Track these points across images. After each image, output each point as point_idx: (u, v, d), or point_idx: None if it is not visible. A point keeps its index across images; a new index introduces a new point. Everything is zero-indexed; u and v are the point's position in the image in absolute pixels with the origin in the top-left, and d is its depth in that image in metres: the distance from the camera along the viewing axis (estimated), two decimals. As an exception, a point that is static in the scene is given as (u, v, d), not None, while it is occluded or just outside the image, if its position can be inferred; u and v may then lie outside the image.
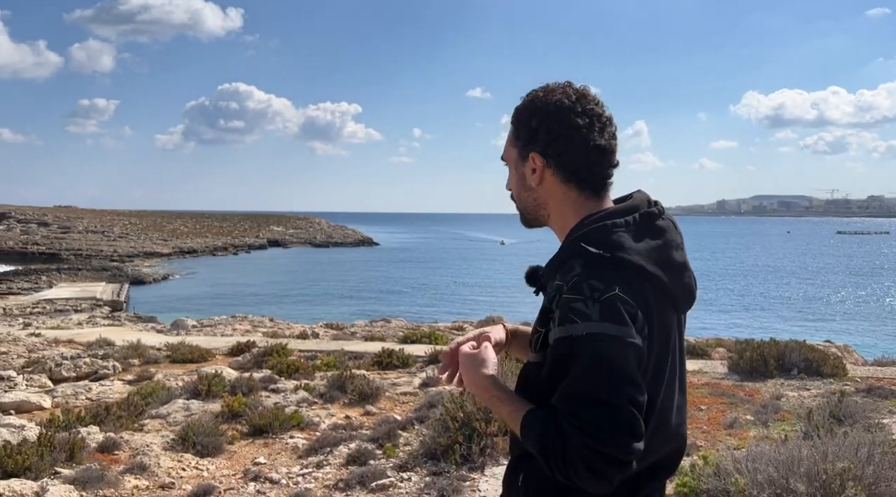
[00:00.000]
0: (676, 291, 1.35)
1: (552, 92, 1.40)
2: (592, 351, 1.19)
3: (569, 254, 1.33)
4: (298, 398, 7.83)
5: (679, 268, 1.37)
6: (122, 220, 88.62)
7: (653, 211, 1.40)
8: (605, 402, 1.16)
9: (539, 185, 1.40)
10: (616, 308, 1.21)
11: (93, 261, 58.11)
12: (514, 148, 1.45)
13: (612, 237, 1.31)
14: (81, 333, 17.96)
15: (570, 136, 1.37)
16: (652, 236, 1.35)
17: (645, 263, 1.30)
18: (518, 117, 1.43)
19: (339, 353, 12.00)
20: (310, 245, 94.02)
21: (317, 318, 26.84)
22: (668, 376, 1.33)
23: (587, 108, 1.38)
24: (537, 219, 1.47)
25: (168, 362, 12.59)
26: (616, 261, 1.28)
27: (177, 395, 8.45)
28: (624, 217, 1.35)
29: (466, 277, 56.60)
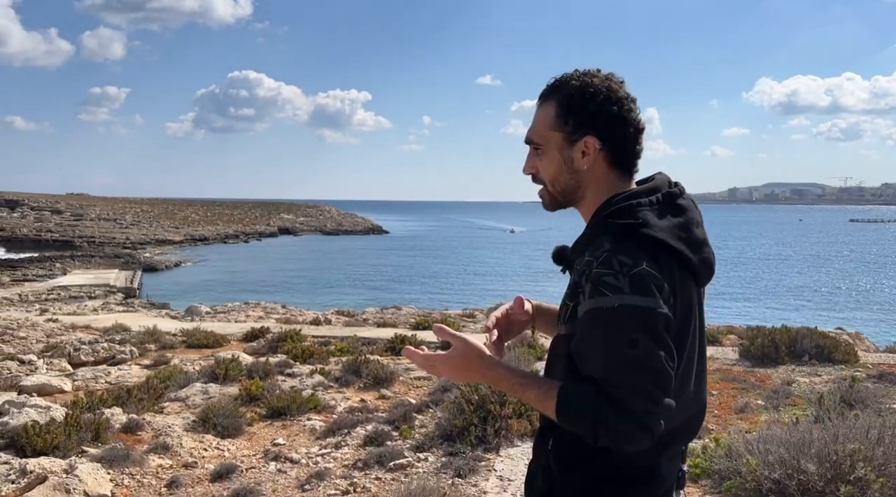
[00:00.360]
0: (697, 265, 1.43)
1: (601, 79, 1.46)
2: (625, 320, 1.27)
3: (598, 231, 1.41)
4: (314, 382, 7.96)
5: (699, 243, 1.45)
6: (134, 208, 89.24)
7: (674, 191, 1.48)
8: (642, 365, 1.26)
9: (588, 168, 1.45)
10: (645, 281, 1.29)
11: (105, 248, 58.58)
12: (557, 131, 1.47)
13: (637, 215, 1.39)
14: (98, 319, 18.22)
15: (627, 121, 1.45)
16: (674, 214, 1.44)
17: (668, 239, 1.38)
18: (570, 101, 1.45)
19: (353, 338, 12.13)
20: (320, 233, 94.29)
21: (328, 305, 27.04)
22: (690, 345, 1.42)
23: (630, 95, 1.47)
24: (570, 201, 1.52)
25: (184, 347, 12.77)
26: (642, 237, 1.36)
27: (194, 379, 8.60)
28: (648, 197, 1.43)
29: (476, 265, 56.71)
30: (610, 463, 1.37)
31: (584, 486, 1.40)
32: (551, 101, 1.49)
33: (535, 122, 1.52)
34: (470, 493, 4.25)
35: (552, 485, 1.45)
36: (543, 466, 1.47)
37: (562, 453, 1.43)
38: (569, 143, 1.47)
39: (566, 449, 1.42)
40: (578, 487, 1.41)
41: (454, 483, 4.42)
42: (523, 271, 51.23)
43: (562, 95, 1.47)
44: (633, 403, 1.24)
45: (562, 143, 1.48)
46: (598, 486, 1.39)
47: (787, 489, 3.98)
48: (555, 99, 1.48)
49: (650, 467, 1.40)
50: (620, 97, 1.44)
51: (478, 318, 18.71)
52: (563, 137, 1.47)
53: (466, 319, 17.86)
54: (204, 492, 4.71)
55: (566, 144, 1.47)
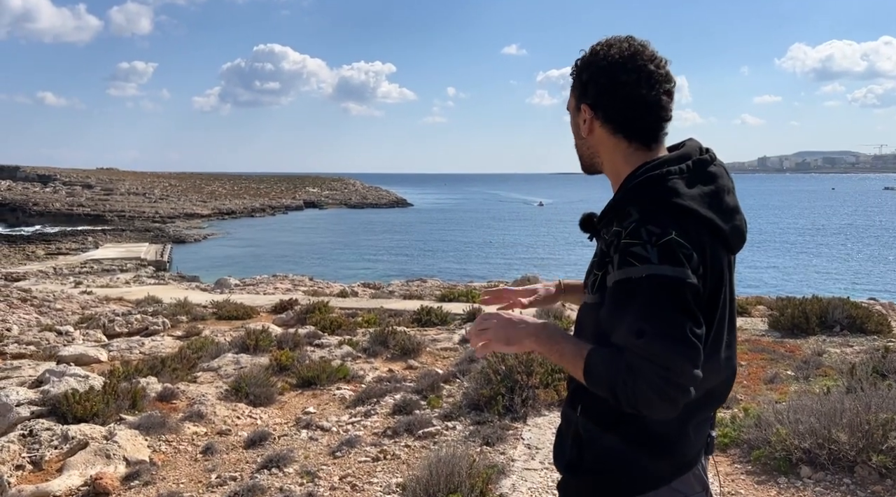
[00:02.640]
0: (728, 233, 1.43)
1: (609, 47, 1.48)
2: (653, 290, 1.28)
3: (625, 201, 1.41)
4: (343, 353, 8.07)
5: (731, 211, 1.45)
6: (162, 182, 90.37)
7: (705, 158, 1.47)
8: (668, 334, 1.25)
9: (589, 134, 1.50)
10: (673, 251, 1.29)
11: (136, 222, 59.58)
12: (573, 98, 1.56)
13: (666, 184, 1.39)
14: (130, 292, 18.61)
15: (615, 91, 1.45)
16: (704, 182, 1.43)
17: (698, 208, 1.37)
18: (575, 70, 1.53)
19: (379, 310, 12.25)
20: (345, 206, 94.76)
21: (354, 277, 27.28)
22: (720, 313, 1.42)
23: (637, 65, 1.45)
24: (593, 165, 1.57)
25: (214, 319, 13.02)
26: (671, 206, 1.36)
27: (226, 350, 8.77)
28: (678, 165, 1.42)
29: (502, 238, 56.58)
30: (638, 428, 1.40)
31: (613, 451, 1.42)
32: (572, 69, 1.57)
33: (570, 94, 1.59)
34: (498, 460, 4.31)
35: (581, 450, 1.47)
36: (573, 433, 1.50)
37: (591, 419, 1.46)
38: (577, 109, 1.54)
39: (595, 415, 1.44)
40: (607, 452, 1.43)
41: (482, 451, 4.48)
42: (550, 243, 51.01)
43: (575, 64, 1.54)
44: (659, 373, 1.24)
45: (574, 110, 1.56)
46: (627, 451, 1.41)
47: (818, 458, 3.96)
48: (573, 67, 1.57)
49: (678, 432, 1.42)
50: (616, 68, 1.45)
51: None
52: (574, 104, 1.56)
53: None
54: (238, 458, 4.83)
55: (575, 111, 1.55)
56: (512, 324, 1.48)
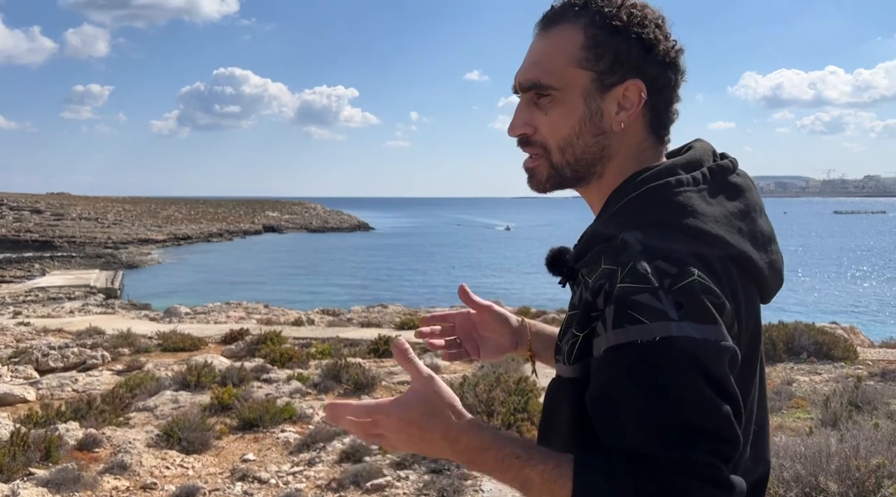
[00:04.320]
0: (765, 272, 0.99)
1: (646, 6, 1.02)
2: (674, 361, 0.83)
3: (619, 224, 0.95)
4: (291, 389, 7.53)
5: (766, 240, 1.02)
6: (116, 207, 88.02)
7: (725, 164, 1.03)
8: (702, 430, 0.81)
9: (624, 128, 1.00)
10: (699, 299, 0.85)
11: (86, 248, 57.68)
12: (585, 69, 0.99)
13: (677, 199, 0.94)
14: (72, 322, 17.62)
15: (677, 64, 1.01)
16: (729, 196, 0.99)
17: (726, 234, 0.94)
18: (609, 25, 0.98)
19: (335, 340, 11.71)
20: (305, 230, 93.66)
21: (313, 304, 26.56)
22: (756, 389, 0.99)
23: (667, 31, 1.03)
24: (579, 178, 1.04)
25: (159, 351, 12.30)
26: (688, 231, 0.91)
27: (166, 386, 8.16)
28: (689, 172, 0.98)
29: (465, 262, 56.36)
30: None
31: None
32: (573, 23, 1.01)
33: (542, 56, 1.03)
34: (454, 517, 3.84)
35: None
36: None
37: None
38: (601, 88, 0.99)
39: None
40: None
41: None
42: (515, 266, 50.94)
43: (593, 15, 0.99)
44: (691, 490, 0.80)
45: (590, 88, 1.00)
46: None
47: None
48: (580, 20, 1.00)
49: None
50: (668, 31, 1.02)
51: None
52: (594, 79, 1.00)
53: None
54: (161, 518, 4.27)
55: (597, 90, 1.00)
56: (412, 434, 0.92)
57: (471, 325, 1.30)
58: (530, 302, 23.32)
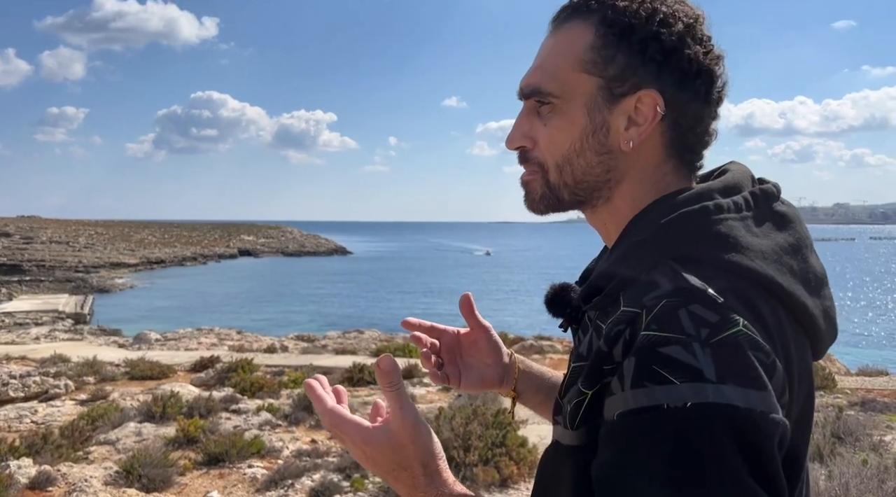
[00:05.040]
0: (819, 322, 0.80)
1: (681, 1, 0.84)
2: (709, 435, 0.64)
3: (643, 258, 0.77)
4: (261, 420, 7.26)
5: (819, 282, 0.84)
6: (89, 230, 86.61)
7: (768, 189, 0.85)
8: None
9: (635, 147, 0.83)
10: (744, 357, 0.67)
11: (56, 272, 56.50)
12: (591, 75, 0.83)
13: (717, 227, 0.77)
14: (37, 349, 17.06)
15: (713, 73, 0.83)
16: (776, 228, 0.82)
17: (777, 274, 0.76)
18: (623, 23, 0.82)
19: (308, 368, 11.43)
20: (281, 254, 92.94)
21: (288, 329, 26.14)
22: (804, 472, 0.80)
23: (709, 35, 0.85)
24: (578, 201, 0.88)
25: (126, 380, 11.91)
26: (733, 269, 0.74)
27: (130, 417, 7.85)
28: (729, 197, 0.81)
29: (444, 286, 56.13)
30: None
31: None
32: (585, 20, 0.85)
33: (547, 58, 0.87)
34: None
35: None
36: None
37: None
38: (608, 97, 0.83)
39: None
40: None
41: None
42: (497, 292, 50.80)
43: (607, 10, 0.83)
44: None
45: (595, 97, 0.83)
46: None
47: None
48: (593, 16, 0.84)
49: None
50: (704, 33, 0.84)
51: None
52: (601, 87, 0.83)
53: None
54: (115, 564, 3.99)
55: (604, 100, 0.83)
56: (373, 470, 0.84)
57: (458, 347, 1.11)
58: (508, 327, 23.18)
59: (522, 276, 62.99)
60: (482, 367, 1.10)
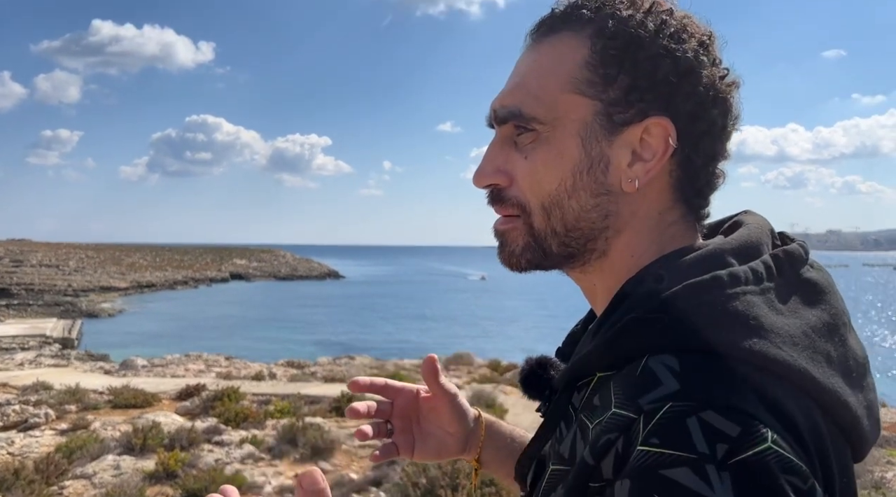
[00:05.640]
0: (863, 422, 0.64)
1: (688, 16, 0.70)
2: None
3: (639, 341, 0.60)
4: (243, 453, 7.04)
5: (861, 371, 0.66)
6: (79, 254, 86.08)
7: (794, 251, 0.68)
8: None
9: (641, 187, 0.68)
10: (775, 484, 0.51)
11: (45, 296, 56.03)
12: (586, 97, 0.68)
13: (733, 305, 0.59)
14: (20, 376, 16.73)
15: (728, 102, 0.69)
16: (806, 302, 0.65)
17: (811, 366, 0.59)
18: (627, 36, 0.66)
19: (295, 397, 11.19)
20: (274, 278, 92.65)
21: (278, 354, 25.85)
22: None
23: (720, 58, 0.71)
24: (571, 255, 0.71)
25: (109, 408, 11.64)
26: (755, 360, 0.57)
27: (110, 449, 7.63)
28: (745, 262, 0.64)
29: (437, 312, 55.91)
30: None
31: None
32: (577, 32, 0.69)
33: (529, 76, 0.71)
34: None
35: None
36: None
37: None
38: (608, 125, 0.67)
39: None
40: None
41: None
42: (491, 318, 50.57)
43: (605, 20, 0.68)
44: None
45: (591, 124, 0.67)
46: None
47: None
48: (586, 28, 0.69)
49: None
50: (717, 54, 0.70)
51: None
52: (599, 113, 0.67)
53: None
54: None
55: (602, 128, 0.67)
56: None
57: (414, 411, 0.93)
58: (502, 353, 22.96)
59: (517, 301, 62.82)
60: (442, 435, 0.94)
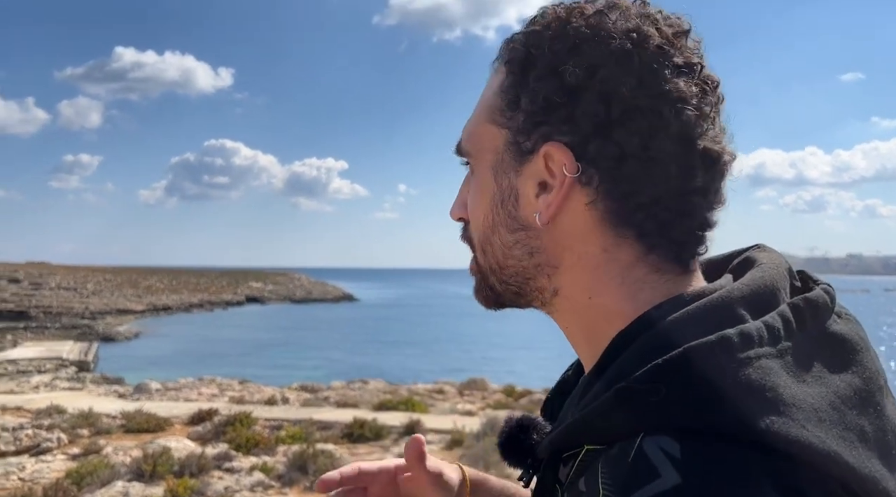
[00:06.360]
0: None
1: (612, 8, 0.58)
2: None
3: (629, 416, 0.50)
4: (253, 481, 6.96)
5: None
6: (97, 277, 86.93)
7: (818, 298, 0.56)
8: None
9: (551, 221, 0.60)
10: None
11: (63, 318, 56.49)
12: (496, 126, 0.63)
13: (745, 374, 0.49)
14: (34, 399, 16.78)
15: (660, 115, 0.56)
16: (832, 365, 0.53)
17: (842, 448, 0.48)
18: (525, 58, 0.60)
19: (307, 422, 11.10)
20: (289, 301, 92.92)
21: (292, 378, 25.77)
22: None
23: (692, 62, 0.58)
24: (518, 292, 0.65)
25: (121, 433, 11.63)
26: (772, 444, 0.47)
27: (120, 475, 7.58)
28: (759, 315, 0.53)
29: (451, 335, 55.67)
30: None
31: None
32: (500, 64, 0.65)
33: (473, 111, 0.68)
34: None
35: None
36: None
37: None
38: (517, 154, 0.61)
39: None
40: None
41: None
42: (506, 342, 50.26)
43: (512, 44, 0.63)
44: None
45: (502, 154, 0.62)
46: None
47: None
48: (503, 58, 0.64)
49: None
50: (655, 56, 0.56)
51: (447, 394, 17.73)
52: (508, 142, 0.62)
53: (436, 396, 16.86)
54: None
55: (511, 158, 0.62)
56: None
57: (394, 493, 0.84)
58: (516, 379, 22.72)
59: (533, 324, 62.19)
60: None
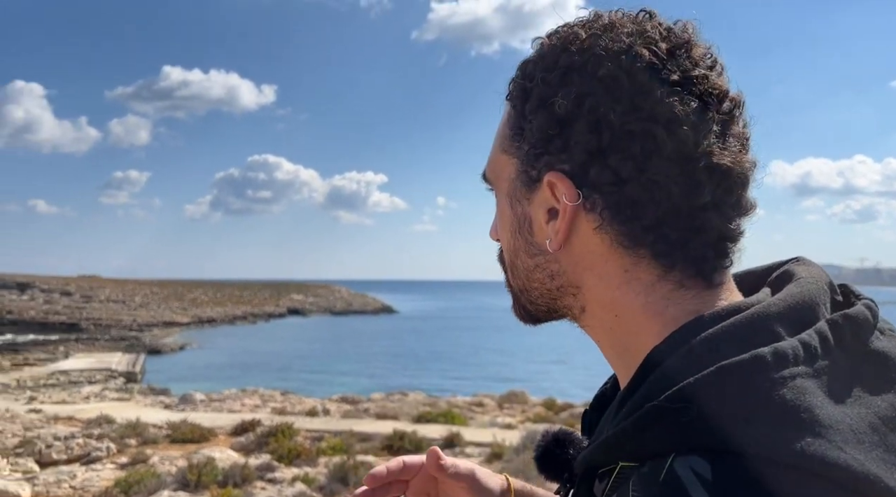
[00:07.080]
0: None
1: (607, 30, 0.58)
2: None
3: (660, 436, 0.49)
4: (295, 492, 7.03)
5: None
6: (144, 290, 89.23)
7: (859, 315, 0.54)
8: None
9: (562, 247, 0.61)
10: None
11: (112, 330, 58.08)
12: (506, 154, 0.65)
13: (780, 393, 0.48)
14: (85, 409, 17.28)
15: (653, 137, 0.55)
16: (873, 387, 0.52)
17: (883, 473, 0.47)
18: (520, 87, 0.63)
19: (347, 434, 11.18)
20: (329, 313, 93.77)
21: (332, 390, 26.00)
22: None
23: (692, 75, 0.57)
24: (548, 310, 0.67)
25: (167, 443, 11.88)
26: (808, 470, 0.46)
27: (166, 484, 7.74)
28: (796, 332, 0.52)
29: (490, 347, 55.43)
30: None
31: None
32: (512, 87, 0.66)
33: (495, 138, 0.70)
34: None
35: None
36: None
37: None
38: (527, 182, 0.63)
39: None
40: None
41: None
42: (546, 355, 49.84)
43: (512, 82, 0.65)
44: None
45: (515, 183, 0.64)
46: None
47: None
48: (506, 91, 0.67)
49: None
50: (646, 78, 0.56)
51: (487, 407, 17.65)
52: (519, 170, 0.64)
53: (476, 408, 16.81)
54: None
55: (522, 186, 0.63)
56: None
57: (431, 489, 0.83)
58: (558, 393, 22.50)
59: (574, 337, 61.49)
60: None
